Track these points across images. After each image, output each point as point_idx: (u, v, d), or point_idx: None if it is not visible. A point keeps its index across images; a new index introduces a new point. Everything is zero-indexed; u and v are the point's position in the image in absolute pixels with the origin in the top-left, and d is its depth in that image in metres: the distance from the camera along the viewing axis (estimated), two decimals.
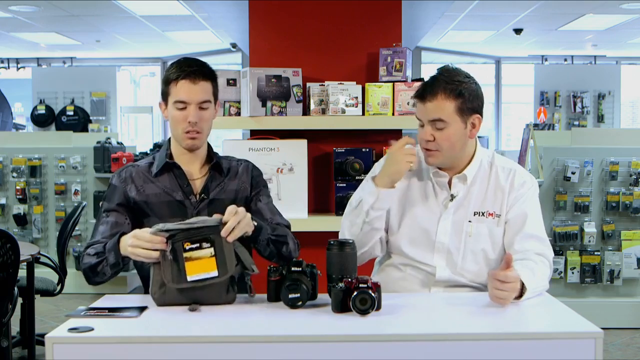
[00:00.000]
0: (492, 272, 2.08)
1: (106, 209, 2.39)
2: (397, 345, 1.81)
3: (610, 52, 11.09)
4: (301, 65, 3.47)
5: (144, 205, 2.38)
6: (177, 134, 2.37)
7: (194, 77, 2.32)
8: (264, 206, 2.48)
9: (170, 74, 2.35)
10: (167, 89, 2.36)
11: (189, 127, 2.33)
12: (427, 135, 2.31)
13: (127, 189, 2.39)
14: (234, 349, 1.80)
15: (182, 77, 2.31)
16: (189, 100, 2.32)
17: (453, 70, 2.33)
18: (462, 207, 2.38)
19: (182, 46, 10.57)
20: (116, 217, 2.36)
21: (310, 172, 3.54)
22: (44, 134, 8.47)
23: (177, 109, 2.33)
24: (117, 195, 2.39)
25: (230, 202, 2.39)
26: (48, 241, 6.38)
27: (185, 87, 2.31)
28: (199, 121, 2.33)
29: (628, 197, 5.14)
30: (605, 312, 5.04)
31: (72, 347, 1.80)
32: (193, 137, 2.35)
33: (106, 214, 2.38)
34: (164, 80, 2.38)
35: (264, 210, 2.47)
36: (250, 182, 2.50)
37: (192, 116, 2.32)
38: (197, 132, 2.34)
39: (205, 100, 2.35)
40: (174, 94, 2.33)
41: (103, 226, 2.36)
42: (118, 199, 2.38)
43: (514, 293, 2.08)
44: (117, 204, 2.38)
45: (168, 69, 2.37)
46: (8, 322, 3.50)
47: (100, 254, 2.25)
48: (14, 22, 8.34)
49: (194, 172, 2.43)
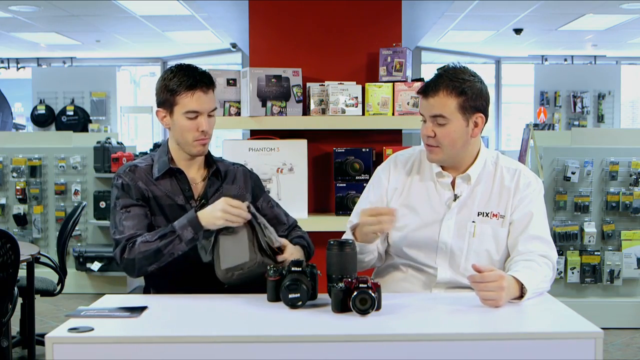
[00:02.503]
0: (470, 276, 2.08)
1: (124, 205, 2.36)
2: (397, 345, 1.81)
3: (610, 52, 11.09)
4: (301, 65, 3.47)
5: (153, 203, 2.39)
6: (187, 141, 2.38)
7: (206, 87, 2.35)
8: (278, 210, 2.56)
9: (175, 84, 2.33)
10: (175, 99, 2.34)
11: (200, 135, 2.36)
12: (428, 130, 2.30)
13: (138, 184, 2.40)
14: (234, 349, 1.80)
15: (197, 88, 2.33)
16: (202, 110, 2.35)
17: (458, 68, 2.32)
18: (466, 207, 2.37)
19: (182, 46, 10.57)
20: (141, 210, 2.36)
21: (310, 172, 3.55)
22: (44, 134, 8.47)
23: (188, 119, 2.34)
24: (133, 191, 2.38)
25: None
26: (48, 241, 6.39)
27: (200, 98, 2.34)
28: (209, 129, 2.38)
29: (628, 197, 5.13)
30: (605, 312, 5.04)
31: (72, 347, 1.80)
32: (204, 143, 2.39)
33: (126, 210, 2.35)
34: (168, 90, 2.35)
35: (281, 216, 2.55)
36: (251, 188, 2.52)
37: (204, 125, 2.35)
38: (208, 139, 2.40)
39: (214, 108, 2.40)
40: (185, 104, 2.33)
41: (129, 221, 2.33)
42: (136, 195, 2.38)
43: (502, 291, 2.05)
44: (136, 198, 2.37)
45: (167, 78, 2.35)
46: (8, 322, 3.50)
47: (167, 235, 2.24)
48: (14, 22, 8.34)
49: (195, 176, 2.46)
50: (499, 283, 2.05)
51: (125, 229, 2.32)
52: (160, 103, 2.39)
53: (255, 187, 2.53)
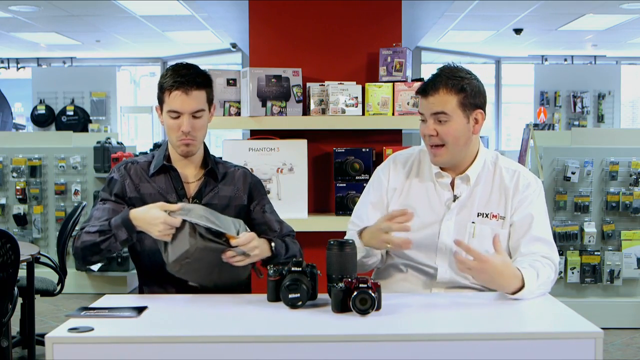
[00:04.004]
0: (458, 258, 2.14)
1: (103, 197, 2.42)
2: (397, 345, 1.81)
3: (610, 52, 11.09)
4: (301, 65, 3.47)
5: (138, 203, 2.39)
6: (171, 140, 2.40)
7: (186, 87, 2.32)
8: (270, 217, 2.52)
9: (164, 82, 2.35)
10: (162, 97, 2.37)
11: (182, 135, 2.35)
12: (429, 129, 2.30)
13: (125, 183, 2.42)
14: (234, 349, 1.80)
15: (175, 88, 2.32)
16: (181, 110, 2.34)
17: (455, 67, 2.34)
18: (466, 208, 2.37)
19: (182, 46, 10.57)
20: (113, 205, 2.39)
21: (310, 172, 3.54)
22: (44, 134, 8.47)
23: (171, 118, 2.35)
24: (115, 187, 2.42)
25: (222, 207, 2.42)
26: (48, 241, 6.38)
27: (178, 98, 2.32)
28: (192, 130, 2.35)
29: (628, 197, 5.14)
30: (605, 312, 5.05)
31: (72, 347, 1.80)
32: (187, 143, 2.37)
33: (103, 202, 2.41)
34: (158, 87, 2.38)
35: (271, 222, 2.51)
36: (248, 190, 2.51)
37: (185, 126, 2.33)
38: (191, 140, 2.37)
39: (199, 109, 2.36)
40: (167, 102, 2.35)
41: (99, 212, 2.37)
42: (116, 190, 2.41)
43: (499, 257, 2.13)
44: (115, 194, 2.41)
45: (163, 75, 2.37)
46: (8, 322, 3.50)
47: (105, 232, 2.25)
48: (14, 22, 8.34)
49: (189, 175, 2.46)
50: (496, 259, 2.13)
51: (92, 219, 2.36)
52: (157, 99, 2.42)
53: (252, 189, 2.52)
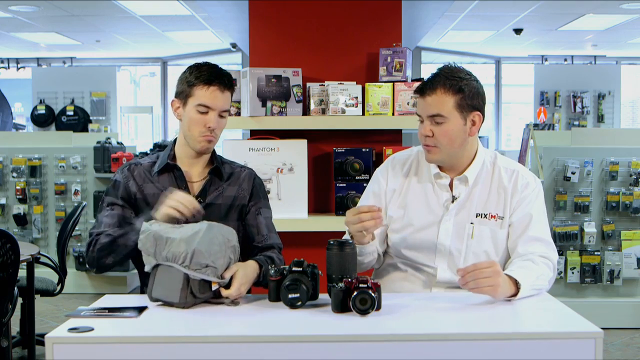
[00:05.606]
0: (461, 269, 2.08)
1: (109, 202, 2.41)
2: (397, 345, 1.81)
3: (610, 52, 11.09)
4: (301, 65, 3.47)
5: (141, 203, 2.39)
6: (192, 135, 2.38)
7: (224, 85, 2.35)
8: (263, 221, 2.49)
9: (200, 75, 2.34)
10: (190, 91, 2.35)
11: (206, 131, 2.36)
12: (426, 130, 2.30)
13: (128, 184, 2.42)
14: (234, 349, 1.80)
15: (214, 83, 2.33)
16: (213, 106, 2.34)
17: (454, 67, 2.33)
18: (464, 209, 2.37)
19: (182, 46, 10.57)
20: (121, 210, 2.39)
21: (310, 172, 3.55)
22: (44, 134, 8.47)
23: (199, 112, 2.35)
24: (120, 189, 2.41)
25: (226, 207, 2.42)
26: (48, 241, 6.39)
27: (214, 94, 2.34)
28: (217, 128, 2.37)
29: (628, 197, 5.14)
30: (605, 312, 5.05)
31: (72, 347, 1.80)
32: (210, 140, 2.38)
33: (110, 207, 2.40)
34: (187, 81, 2.36)
35: (262, 226, 2.48)
36: (250, 190, 2.50)
37: (212, 122, 2.35)
38: (213, 137, 2.38)
39: (226, 109, 2.39)
40: (199, 96, 2.34)
41: (108, 218, 2.37)
42: (122, 193, 2.41)
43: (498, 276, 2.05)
44: (120, 197, 2.41)
45: (194, 71, 2.37)
46: (8, 322, 3.50)
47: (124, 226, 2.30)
48: (14, 22, 8.34)
49: (194, 174, 2.45)
50: (495, 268, 2.06)
51: (102, 225, 2.35)
52: (177, 94, 2.41)
53: (253, 190, 2.51)
